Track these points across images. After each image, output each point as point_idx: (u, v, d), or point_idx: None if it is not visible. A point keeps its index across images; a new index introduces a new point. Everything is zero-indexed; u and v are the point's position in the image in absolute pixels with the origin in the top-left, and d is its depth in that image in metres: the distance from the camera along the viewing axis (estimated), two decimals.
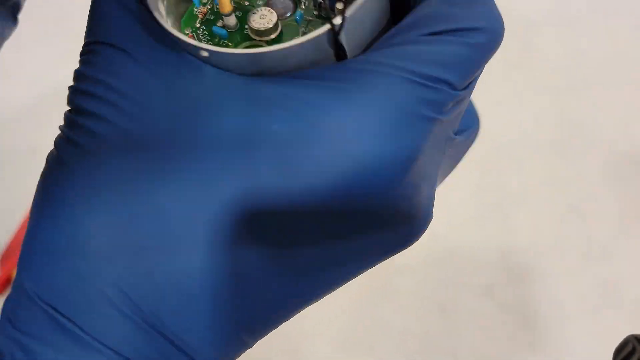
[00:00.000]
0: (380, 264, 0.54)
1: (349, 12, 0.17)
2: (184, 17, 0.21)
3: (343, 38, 0.17)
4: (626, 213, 0.62)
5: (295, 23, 0.19)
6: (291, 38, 0.19)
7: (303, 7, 0.19)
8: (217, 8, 0.20)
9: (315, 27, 0.18)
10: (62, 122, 0.22)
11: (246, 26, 0.19)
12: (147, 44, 0.18)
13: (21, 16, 1.03)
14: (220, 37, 0.20)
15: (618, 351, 0.38)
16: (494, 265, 0.59)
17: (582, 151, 0.68)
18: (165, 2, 0.20)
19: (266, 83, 0.17)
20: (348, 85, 0.16)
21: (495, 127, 0.71)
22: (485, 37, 0.19)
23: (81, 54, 0.21)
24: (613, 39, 0.80)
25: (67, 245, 0.17)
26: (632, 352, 0.37)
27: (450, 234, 0.62)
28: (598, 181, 0.65)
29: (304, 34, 0.18)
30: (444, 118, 0.17)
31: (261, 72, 0.17)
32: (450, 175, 0.70)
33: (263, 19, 0.19)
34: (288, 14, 0.19)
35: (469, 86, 0.18)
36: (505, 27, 0.21)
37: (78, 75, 0.21)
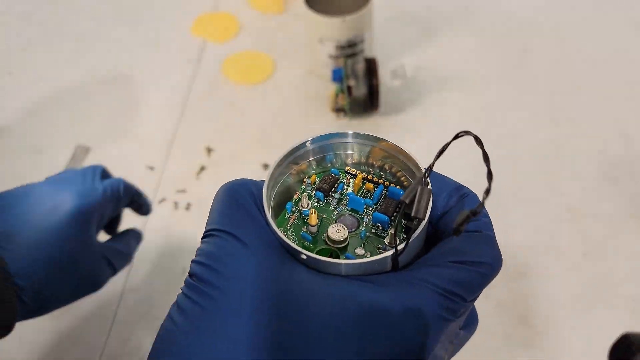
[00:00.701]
0: None
1: (408, 242, 0.25)
2: (278, 219, 0.28)
3: (399, 258, 0.25)
4: (620, 212, 0.63)
5: (360, 237, 0.28)
6: (355, 247, 0.27)
7: (363, 226, 0.28)
8: (302, 217, 0.28)
9: (372, 242, 0.27)
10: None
11: (324, 234, 0.27)
12: (260, 241, 0.26)
13: (27, 20, 1.03)
14: (305, 239, 0.27)
15: (614, 348, 0.39)
16: None
17: (578, 151, 0.69)
18: (271, 210, 0.28)
19: (341, 283, 0.25)
20: (396, 290, 0.25)
21: (492, 127, 0.72)
22: (489, 269, 0.26)
23: (204, 236, 0.27)
24: (609, 41, 0.81)
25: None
26: (628, 349, 0.38)
27: None
28: (593, 180, 0.66)
29: (365, 245, 0.27)
30: (457, 320, 0.26)
31: (338, 273, 0.25)
32: (447, 175, 0.70)
33: (338, 232, 0.27)
34: (353, 229, 0.28)
35: (474, 299, 0.27)
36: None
37: (200, 252, 0.27)
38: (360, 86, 0.70)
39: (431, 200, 0.26)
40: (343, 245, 0.27)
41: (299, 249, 0.25)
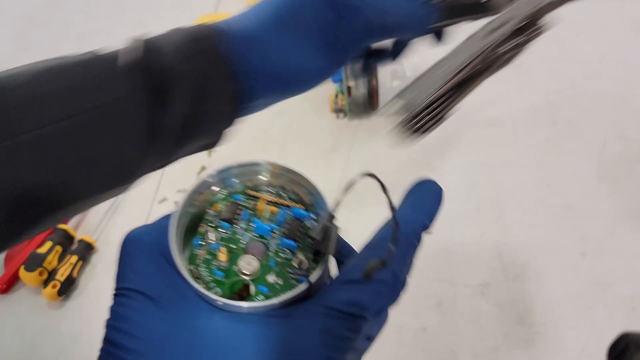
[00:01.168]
0: None
1: (318, 274, 0.27)
2: (189, 256, 0.28)
3: (313, 289, 0.27)
4: (618, 212, 0.63)
5: (270, 266, 0.28)
6: (266, 274, 0.28)
7: (272, 252, 0.28)
8: (211, 250, 0.28)
9: (282, 267, 0.28)
10: None
11: (234, 267, 0.28)
12: (171, 294, 0.26)
13: (28, 20, 1.03)
14: (217, 275, 0.27)
15: (612, 348, 0.39)
16: (489, 264, 0.60)
17: (576, 151, 0.69)
18: (178, 250, 0.27)
19: (256, 326, 0.25)
20: (299, 321, 0.26)
21: (491, 127, 0.72)
22: (386, 287, 0.27)
23: (115, 295, 0.27)
24: (608, 41, 0.81)
25: None
26: (626, 348, 0.38)
27: (446, 233, 0.63)
28: (591, 181, 0.66)
29: (277, 272, 0.28)
30: (357, 336, 0.27)
31: (256, 313, 0.26)
32: (446, 175, 0.70)
33: (249, 265, 0.27)
34: (261, 257, 0.28)
35: (379, 314, 0.28)
36: None
37: (113, 313, 0.27)
38: (360, 87, 0.70)
39: (337, 237, 0.28)
40: (253, 276, 0.28)
41: (215, 297, 0.26)
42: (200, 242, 0.28)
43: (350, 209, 0.64)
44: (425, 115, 0.36)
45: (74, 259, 0.61)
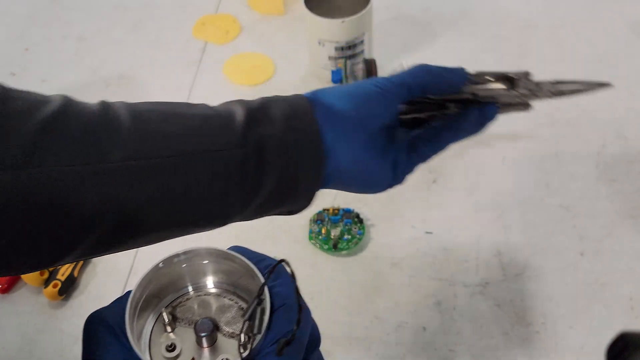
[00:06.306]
0: (377, 262, 0.56)
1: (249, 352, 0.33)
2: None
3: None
4: (617, 212, 0.63)
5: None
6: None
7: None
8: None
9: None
10: None
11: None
12: None
13: (29, 21, 1.03)
14: None
15: (611, 347, 0.39)
16: (488, 263, 0.60)
17: (575, 151, 0.69)
18: (131, 328, 0.33)
19: None
20: None
21: (489, 128, 0.72)
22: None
23: None
24: (605, 42, 0.81)
25: None
26: (625, 348, 0.38)
27: (445, 232, 0.63)
28: (590, 181, 0.66)
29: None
30: None
31: None
32: (446, 175, 0.70)
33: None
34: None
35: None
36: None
37: None
38: None
39: (267, 316, 0.33)
40: None
41: None
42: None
43: None
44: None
45: None
